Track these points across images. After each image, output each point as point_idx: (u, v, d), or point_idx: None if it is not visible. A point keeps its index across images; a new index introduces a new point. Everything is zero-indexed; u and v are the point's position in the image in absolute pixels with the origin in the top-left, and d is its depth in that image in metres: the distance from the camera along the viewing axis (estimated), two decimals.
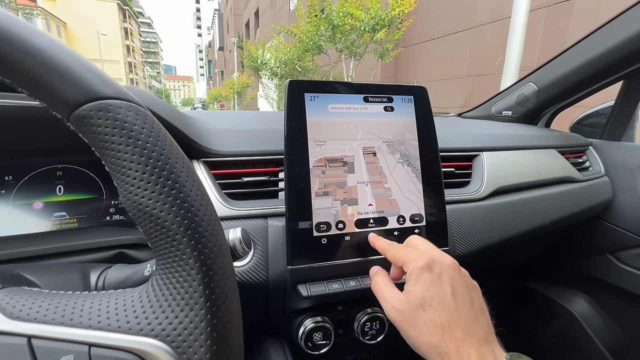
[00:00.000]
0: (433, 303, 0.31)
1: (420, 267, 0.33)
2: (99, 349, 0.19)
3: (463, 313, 0.31)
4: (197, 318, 0.19)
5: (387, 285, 0.37)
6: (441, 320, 0.31)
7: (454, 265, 0.35)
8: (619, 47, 0.78)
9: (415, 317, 0.32)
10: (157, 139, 0.21)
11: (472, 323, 0.31)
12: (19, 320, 0.19)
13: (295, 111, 0.47)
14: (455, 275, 0.34)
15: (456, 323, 0.30)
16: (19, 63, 0.18)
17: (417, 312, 0.32)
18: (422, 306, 0.32)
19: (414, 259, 0.34)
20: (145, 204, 0.20)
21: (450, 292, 0.32)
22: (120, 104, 0.20)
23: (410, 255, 0.36)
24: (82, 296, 0.21)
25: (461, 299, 0.32)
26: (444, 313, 0.31)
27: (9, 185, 0.48)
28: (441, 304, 0.31)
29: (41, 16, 34.10)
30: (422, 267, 0.33)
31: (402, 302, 0.33)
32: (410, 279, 0.34)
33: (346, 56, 6.79)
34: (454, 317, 0.31)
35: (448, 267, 0.34)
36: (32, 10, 27.58)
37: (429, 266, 0.33)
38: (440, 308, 0.31)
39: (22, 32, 0.18)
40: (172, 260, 0.20)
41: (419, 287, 0.32)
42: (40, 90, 0.19)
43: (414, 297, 0.32)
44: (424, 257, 0.34)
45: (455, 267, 0.35)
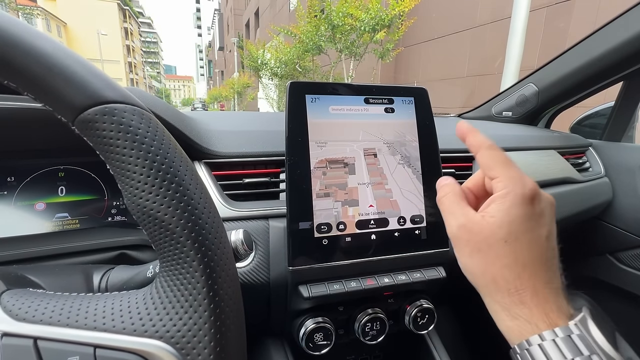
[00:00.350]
0: (522, 238, 0.27)
1: (521, 194, 0.28)
2: (104, 350, 0.19)
3: (550, 260, 0.28)
4: (200, 320, 0.20)
5: (459, 199, 0.31)
6: (525, 257, 0.27)
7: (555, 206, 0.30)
8: (619, 48, 0.78)
9: (493, 245, 0.27)
10: (162, 142, 0.21)
11: (556, 273, 0.28)
12: (25, 322, 0.19)
13: (296, 113, 0.47)
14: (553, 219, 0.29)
15: (540, 265, 0.27)
16: (24, 67, 0.18)
17: (496, 240, 0.27)
18: (507, 237, 0.27)
19: (516, 182, 0.28)
20: (150, 207, 0.20)
21: (546, 234, 0.28)
22: (125, 107, 0.20)
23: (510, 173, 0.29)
24: (87, 298, 0.21)
25: (552, 244, 0.29)
26: (532, 252, 0.27)
27: (12, 186, 0.48)
28: (532, 243, 0.27)
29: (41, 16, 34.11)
30: (524, 196, 0.28)
31: (478, 224, 0.28)
32: (503, 202, 0.28)
33: (346, 56, 6.79)
34: (541, 260, 0.27)
35: (551, 207, 0.29)
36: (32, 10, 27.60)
37: (532, 198, 0.28)
38: (530, 246, 0.27)
39: (27, 37, 0.19)
40: (176, 263, 0.20)
41: (509, 217, 0.27)
42: (45, 95, 0.19)
43: (497, 224, 0.27)
44: (529, 185, 0.28)
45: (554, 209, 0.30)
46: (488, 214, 0.28)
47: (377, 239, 0.48)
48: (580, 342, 0.24)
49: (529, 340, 0.25)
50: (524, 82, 1.01)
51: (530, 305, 0.26)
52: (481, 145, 0.32)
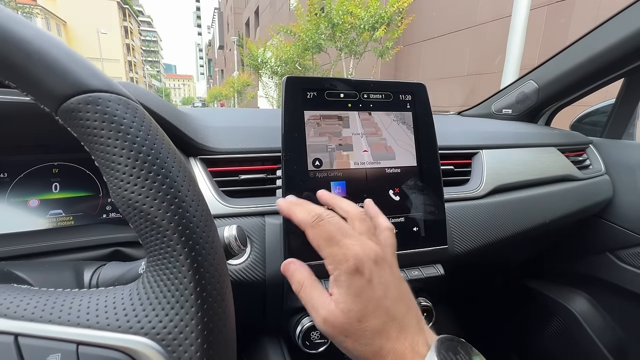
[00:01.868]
0: (367, 311, 0.30)
1: (346, 271, 0.30)
2: (87, 347, 0.18)
3: (396, 312, 0.30)
4: (187, 316, 0.19)
5: (317, 292, 0.33)
6: (377, 326, 0.30)
7: (377, 259, 0.32)
8: (620, 45, 0.78)
9: (350, 329, 0.30)
10: (148, 132, 0.20)
11: (405, 319, 0.31)
12: (5, 318, 0.18)
13: (292, 108, 0.46)
14: (383, 272, 0.32)
15: (390, 324, 0.30)
16: (3, 54, 0.18)
17: (352, 324, 0.30)
18: (358, 317, 0.30)
19: (339, 260, 0.31)
20: (135, 199, 0.19)
21: (383, 294, 0.31)
22: (110, 97, 0.20)
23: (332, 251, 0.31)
24: (71, 294, 0.20)
25: (392, 297, 0.31)
26: (379, 319, 0.30)
27: (4, 182, 0.47)
28: (376, 311, 0.30)
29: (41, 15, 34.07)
30: (351, 273, 0.30)
31: (335, 315, 0.30)
32: (340, 286, 0.31)
33: (346, 55, 6.79)
34: (389, 319, 0.30)
35: (374, 265, 0.31)
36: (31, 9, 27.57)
37: (357, 270, 0.30)
38: (375, 314, 0.30)
39: (7, 22, 0.18)
40: (163, 257, 0.20)
41: (351, 296, 0.30)
42: (26, 83, 0.19)
43: (348, 310, 0.30)
44: (350, 259, 0.30)
45: (379, 260, 0.32)
46: (336, 300, 0.31)
47: None
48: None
49: None
50: (524, 80, 1.00)
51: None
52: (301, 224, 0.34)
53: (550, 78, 0.93)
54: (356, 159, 0.48)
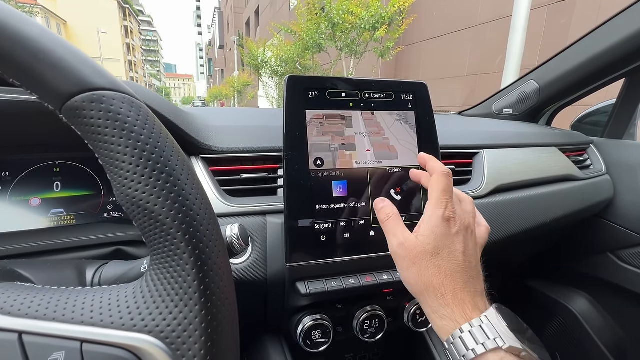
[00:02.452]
0: (443, 252, 0.34)
1: (441, 217, 0.35)
2: (91, 345, 0.18)
3: (466, 269, 0.34)
4: (191, 314, 0.19)
5: (398, 220, 0.38)
6: (446, 268, 0.33)
7: (471, 227, 0.37)
8: (621, 45, 0.78)
9: (422, 259, 0.34)
10: (152, 131, 0.20)
11: (471, 279, 0.34)
12: (9, 315, 0.18)
13: (294, 107, 0.46)
14: (469, 237, 0.36)
15: (458, 274, 0.33)
16: (8, 53, 0.18)
17: (424, 255, 0.34)
18: (432, 252, 0.34)
19: (440, 206, 0.35)
20: (139, 198, 0.19)
21: (462, 249, 0.34)
22: (114, 95, 0.20)
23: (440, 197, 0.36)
24: (75, 292, 0.20)
25: (468, 258, 0.35)
26: (451, 263, 0.33)
27: (6, 181, 0.47)
28: (450, 256, 0.34)
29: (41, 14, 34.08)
30: (443, 218, 0.35)
31: (412, 242, 0.35)
32: (429, 223, 0.35)
33: (346, 55, 6.78)
34: (458, 269, 0.33)
35: (465, 229, 0.36)
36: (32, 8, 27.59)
37: (448, 220, 0.35)
38: (449, 258, 0.33)
39: (12, 21, 0.18)
40: (167, 255, 0.20)
41: (434, 234, 0.34)
42: (31, 81, 0.19)
43: (426, 242, 0.34)
44: (449, 210, 0.35)
45: (472, 229, 0.37)
46: (419, 233, 0.35)
47: (376, 234, 0.47)
48: (487, 329, 0.30)
49: (453, 335, 0.31)
50: (525, 80, 1.00)
51: (452, 306, 0.32)
52: (435, 170, 0.39)
53: (551, 78, 0.93)
54: (359, 159, 0.48)
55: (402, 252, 0.35)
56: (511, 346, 0.29)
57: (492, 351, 0.29)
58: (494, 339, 0.29)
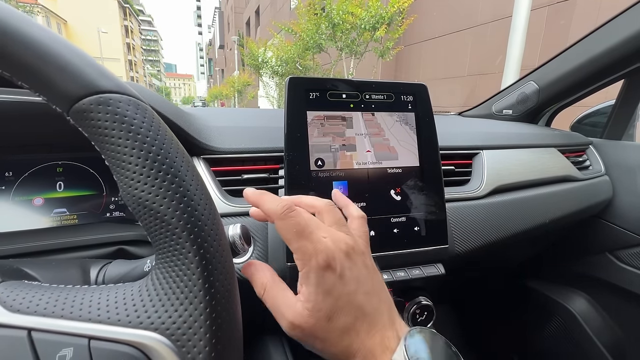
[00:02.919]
0: (337, 309, 0.28)
1: (316, 267, 0.28)
2: (99, 341, 0.19)
3: (367, 306, 0.29)
4: (196, 312, 0.19)
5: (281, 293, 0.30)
6: (346, 324, 0.28)
7: (349, 250, 0.30)
8: (620, 46, 0.78)
9: (320, 329, 0.28)
10: (157, 133, 0.21)
11: (376, 313, 0.29)
12: (19, 313, 0.19)
13: (295, 108, 0.47)
14: (355, 265, 0.30)
15: (361, 321, 0.28)
16: (17, 56, 0.18)
17: (321, 324, 0.28)
18: (327, 316, 0.28)
19: (309, 255, 0.28)
20: (145, 198, 0.20)
21: (354, 288, 0.29)
22: (120, 97, 0.20)
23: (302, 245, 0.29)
24: (82, 290, 0.21)
25: (364, 291, 0.29)
26: (349, 315, 0.28)
27: (9, 181, 0.48)
28: (345, 307, 0.28)
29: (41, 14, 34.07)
30: (321, 268, 0.28)
31: (302, 316, 0.28)
32: (309, 283, 0.28)
33: (347, 55, 6.79)
34: (359, 315, 0.28)
35: (345, 258, 0.29)
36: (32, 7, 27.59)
37: (328, 265, 0.28)
38: (345, 311, 0.28)
39: (21, 25, 0.18)
40: (172, 254, 0.20)
41: (321, 295, 0.28)
42: (39, 84, 0.19)
43: (317, 309, 0.28)
44: (320, 254, 0.28)
45: (351, 252, 0.30)
46: (305, 299, 0.28)
47: (376, 235, 0.48)
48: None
49: None
50: (525, 80, 1.01)
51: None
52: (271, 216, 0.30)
53: (551, 79, 0.94)
54: (359, 159, 0.48)
55: (297, 334, 0.29)
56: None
57: None
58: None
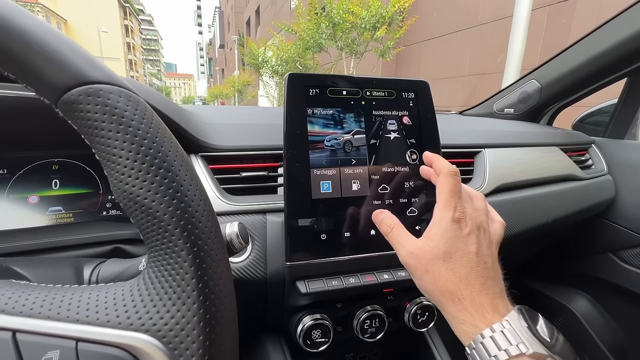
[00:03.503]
0: (455, 256, 0.32)
1: (451, 219, 0.33)
2: (87, 344, 0.18)
3: (482, 270, 0.32)
4: (189, 312, 0.19)
5: (401, 229, 0.37)
6: (460, 272, 0.32)
7: (483, 226, 0.35)
8: (623, 44, 0.77)
9: (434, 265, 0.32)
10: (150, 126, 0.20)
11: (489, 279, 0.32)
12: (3, 313, 0.18)
13: (294, 105, 0.46)
14: (482, 235, 0.34)
15: (474, 276, 0.32)
16: (3, 44, 0.17)
17: (436, 261, 0.32)
18: (444, 256, 0.32)
19: (449, 208, 0.34)
20: (137, 194, 0.19)
21: (475, 250, 0.33)
22: (111, 89, 0.19)
23: (448, 199, 0.34)
24: (71, 290, 0.20)
25: (482, 258, 0.33)
26: (465, 266, 0.32)
27: (4, 179, 0.47)
28: (463, 258, 0.32)
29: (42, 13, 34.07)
30: (453, 220, 0.33)
31: (421, 248, 0.33)
32: (438, 227, 0.33)
33: (347, 54, 6.78)
34: (474, 271, 0.32)
35: (477, 228, 0.34)
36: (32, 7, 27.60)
37: (458, 221, 0.33)
38: (462, 261, 0.32)
39: (7, 13, 0.17)
40: (164, 253, 0.19)
41: (444, 239, 0.33)
42: (26, 74, 0.18)
43: (437, 247, 0.32)
44: (458, 209, 0.34)
45: (484, 227, 0.35)
46: (429, 238, 0.34)
47: (377, 234, 0.47)
48: (509, 334, 0.28)
49: (474, 340, 0.30)
50: (526, 79, 1.00)
51: (470, 310, 0.30)
52: (442, 170, 0.37)
53: (553, 77, 0.93)
54: (359, 157, 0.47)
55: (412, 261, 0.34)
56: (535, 352, 0.27)
57: (515, 357, 0.27)
58: (516, 345, 0.28)
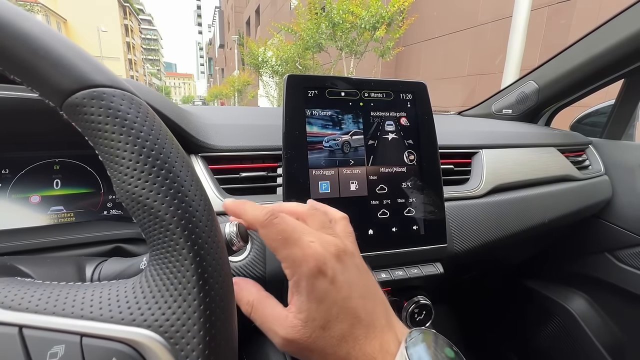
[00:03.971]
0: (332, 317, 0.26)
1: (307, 275, 0.26)
2: (91, 339, 0.19)
3: (362, 311, 0.27)
4: (190, 309, 0.19)
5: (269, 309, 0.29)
6: (343, 331, 0.26)
7: (339, 253, 0.28)
8: (620, 46, 0.78)
9: (317, 340, 0.26)
10: (152, 127, 0.20)
11: (372, 317, 0.28)
12: (10, 309, 0.19)
13: (293, 106, 0.46)
14: (347, 267, 0.28)
15: (357, 326, 0.27)
16: (10, 49, 0.18)
17: (317, 335, 0.26)
18: (323, 325, 0.26)
19: (299, 263, 0.27)
20: (139, 193, 0.19)
21: (348, 293, 0.27)
22: (114, 92, 0.20)
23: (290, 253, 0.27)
24: (75, 287, 0.21)
25: (357, 295, 0.28)
26: (345, 322, 0.26)
27: (6, 178, 0.47)
28: (340, 314, 0.26)
29: (41, 12, 34.06)
30: (313, 275, 0.26)
31: (296, 329, 0.26)
32: (300, 292, 0.27)
33: (347, 54, 6.79)
34: (355, 321, 0.27)
35: (336, 262, 0.28)
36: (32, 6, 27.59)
37: (320, 271, 0.26)
38: (340, 318, 0.26)
39: (14, 18, 0.18)
40: (166, 251, 0.20)
41: (314, 303, 0.26)
42: (32, 78, 0.19)
43: (311, 319, 0.26)
44: (310, 259, 0.27)
45: (341, 254, 0.28)
46: (297, 310, 0.27)
47: (374, 233, 0.48)
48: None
49: None
50: (525, 80, 1.01)
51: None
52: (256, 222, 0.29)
53: (551, 78, 0.94)
54: (357, 157, 0.48)
55: (293, 349, 0.27)
56: None
57: None
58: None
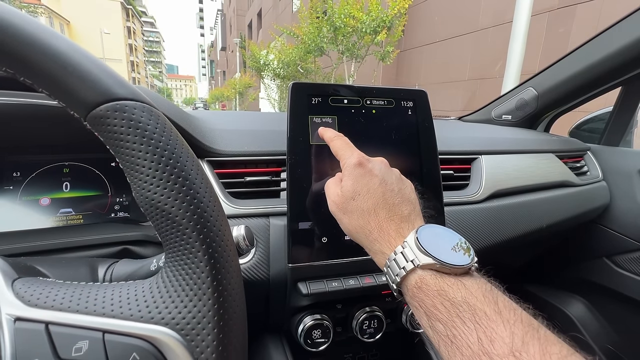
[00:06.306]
0: (362, 192, 0.35)
1: (352, 163, 0.37)
2: (113, 335, 0.20)
3: (388, 199, 0.35)
4: (204, 308, 0.21)
5: (332, 184, 0.40)
6: (367, 206, 0.35)
7: (384, 163, 0.39)
8: (619, 53, 0.79)
9: (347, 206, 0.36)
10: (169, 138, 0.22)
11: (396, 206, 0.35)
12: (36, 307, 0.20)
13: (298, 113, 0.48)
14: (385, 170, 0.38)
15: (381, 207, 0.34)
16: (40, 65, 0.19)
17: (348, 202, 0.36)
18: (353, 196, 0.36)
19: (349, 156, 0.39)
20: (157, 200, 0.21)
21: (379, 182, 0.36)
22: (135, 104, 0.21)
23: (345, 152, 0.40)
24: (95, 286, 0.22)
25: (388, 188, 0.36)
26: (371, 200, 0.35)
27: (17, 181, 0.49)
28: (369, 193, 0.35)
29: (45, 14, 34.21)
30: (354, 164, 0.37)
31: (337, 195, 0.37)
32: (345, 174, 0.38)
33: (347, 58, 6.82)
34: (379, 202, 0.35)
35: (379, 164, 0.38)
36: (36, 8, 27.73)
37: (360, 163, 0.37)
38: (368, 196, 0.35)
39: (43, 35, 0.19)
40: (182, 253, 0.21)
41: (351, 180, 0.36)
42: (59, 91, 0.20)
43: (346, 189, 0.36)
44: (356, 155, 0.38)
45: (386, 164, 0.39)
46: (343, 186, 0.37)
47: None
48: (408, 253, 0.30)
49: (385, 266, 0.32)
50: (524, 86, 1.02)
51: (379, 240, 0.33)
52: (332, 137, 0.43)
53: (550, 85, 0.95)
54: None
55: (334, 208, 0.38)
56: (425, 263, 0.29)
57: (410, 272, 0.30)
58: (411, 261, 0.29)
